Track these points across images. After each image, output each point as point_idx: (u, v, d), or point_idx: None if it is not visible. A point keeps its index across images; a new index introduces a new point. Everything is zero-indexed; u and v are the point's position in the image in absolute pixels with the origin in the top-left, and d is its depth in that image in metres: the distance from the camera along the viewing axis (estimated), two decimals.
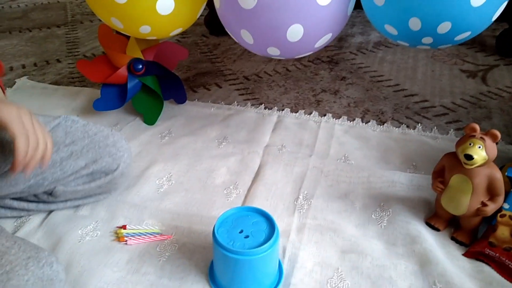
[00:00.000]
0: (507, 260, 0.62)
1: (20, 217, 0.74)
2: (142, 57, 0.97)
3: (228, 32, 0.80)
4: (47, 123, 0.71)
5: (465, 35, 0.68)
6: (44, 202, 0.72)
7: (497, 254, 0.63)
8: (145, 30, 0.81)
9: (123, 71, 0.95)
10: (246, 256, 0.56)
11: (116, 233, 0.70)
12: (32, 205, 0.72)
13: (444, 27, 0.65)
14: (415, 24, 0.66)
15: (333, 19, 0.71)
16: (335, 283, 0.62)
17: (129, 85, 0.96)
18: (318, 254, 0.66)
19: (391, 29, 0.72)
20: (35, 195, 0.71)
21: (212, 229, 0.59)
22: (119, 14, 0.77)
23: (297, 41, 0.71)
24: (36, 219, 0.73)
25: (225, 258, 0.57)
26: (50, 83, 1.24)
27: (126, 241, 0.68)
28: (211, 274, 0.62)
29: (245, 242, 0.57)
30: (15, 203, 0.72)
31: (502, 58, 1.37)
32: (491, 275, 0.62)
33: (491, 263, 0.63)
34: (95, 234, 0.70)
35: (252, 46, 0.76)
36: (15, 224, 0.73)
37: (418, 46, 0.72)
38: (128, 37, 0.98)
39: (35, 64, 1.38)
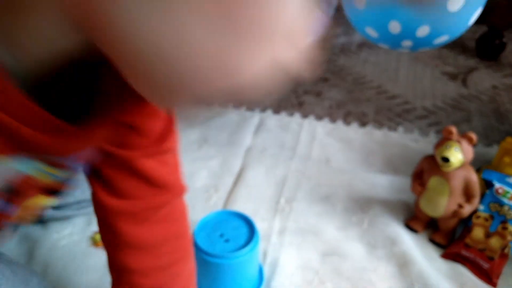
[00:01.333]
0: (481, 260, 0.63)
1: None
2: None
3: None
4: None
5: (444, 39, 0.69)
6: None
7: (472, 255, 0.64)
8: None
9: None
10: (226, 260, 0.55)
11: (93, 238, 0.69)
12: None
13: (423, 31, 0.66)
14: (395, 27, 0.67)
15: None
16: (315, 286, 0.62)
17: None
18: (299, 257, 0.66)
19: (372, 32, 0.72)
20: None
21: (191, 233, 0.58)
22: None
23: None
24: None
25: (205, 262, 0.56)
26: None
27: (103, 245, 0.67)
28: None
29: (225, 246, 0.57)
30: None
31: (482, 60, 1.39)
32: (466, 276, 0.63)
33: (466, 263, 0.65)
34: (72, 239, 0.69)
35: None
36: None
37: (398, 49, 0.73)
38: None
39: None
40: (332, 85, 1.23)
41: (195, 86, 0.24)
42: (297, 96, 1.17)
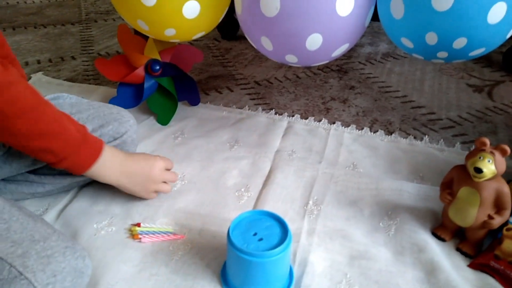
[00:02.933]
0: (511, 273, 0.64)
1: (36, 194, 0.75)
2: (159, 58, 0.99)
3: (248, 37, 0.82)
4: (50, 97, 0.75)
5: (480, 51, 0.70)
6: (59, 173, 0.74)
7: (502, 267, 0.65)
8: (170, 33, 0.83)
9: (140, 71, 0.97)
10: (259, 258, 0.57)
11: (130, 230, 0.72)
12: (48, 178, 0.74)
13: (460, 43, 0.67)
14: (431, 38, 0.68)
15: (351, 30, 0.74)
16: (344, 287, 0.63)
17: (145, 85, 0.98)
18: (328, 259, 0.68)
19: (407, 42, 0.74)
20: (48, 167, 0.71)
21: (224, 230, 0.61)
22: (146, 17, 0.79)
23: (315, 49, 0.73)
24: (52, 212, 0.75)
25: (239, 259, 0.58)
26: (65, 80, 1.26)
27: (140, 238, 0.69)
28: (223, 275, 0.64)
29: (259, 244, 0.59)
30: (31, 176, 0.74)
31: (508, 74, 1.39)
32: (494, 286, 0.64)
33: (495, 275, 0.65)
34: (110, 229, 0.72)
35: (270, 53, 0.78)
36: None
37: (432, 60, 0.74)
38: (146, 38, 1.00)
39: (50, 60, 1.40)
40: (358, 93, 1.25)
41: None
42: (324, 103, 1.19)
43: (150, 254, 0.68)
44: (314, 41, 0.71)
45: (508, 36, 0.69)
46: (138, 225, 0.72)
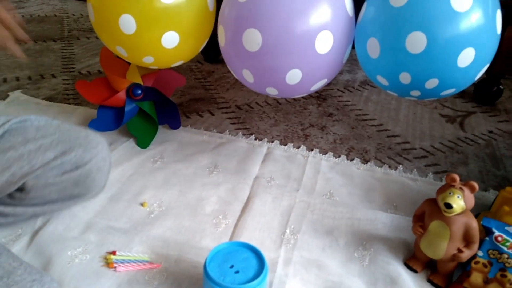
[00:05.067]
0: None
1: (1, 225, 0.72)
2: (141, 83, 1.00)
3: (230, 68, 0.84)
4: (18, 120, 0.69)
5: (451, 91, 0.74)
6: (21, 204, 0.68)
7: None
8: (148, 60, 0.84)
9: (122, 94, 0.97)
10: None
11: (105, 258, 0.71)
12: (8, 209, 0.68)
13: (431, 83, 0.71)
14: (405, 78, 0.72)
15: (329, 66, 0.76)
16: None
17: (126, 109, 0.98)
18: None
19: (382, 80, 0.77)
20: (9, 196, 0.67)
21: (201, 260, 0.61)
22: (125, 44, 0.80)
23: (295, 84, 0.76)
24: (24, 238, 0.73)
25: None
26: (44, 98, 1.25)
27: (115, 267, 0.69)
28: None
29: (235, 277, 0.59)
30: None
31: (479, 105, 1.45)
32: None
33: None
34: (85, 257, 0.71)
35: (252, 85, 0.80)
36: (3, 241, 0.73)
37: (406, 97, 0.77)
38: (129, 62, 1.00)
39: (29, 78, 1.38)
40: (336, 120, 1.28)
41: None
42: (302, 129, 1.21)
43: (125, 283, 0.67)
44: (294, 76, 0.74)
45: (476, 78, 0.73)
46: (114, 253, 0.71)
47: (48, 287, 0.54)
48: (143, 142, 1.03)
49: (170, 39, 0.80)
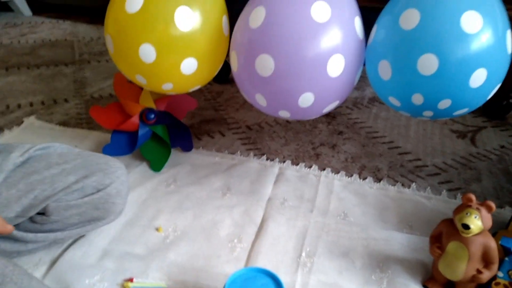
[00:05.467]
0: None
1: (20, 252, 0.73)
2: (154, 107, 1.01)
3: (242, 93, 0.85)
4: (41, 147, 0.74)
5: (463, 111, 0.74)
6: (42, 230, 0.71)
7: None
8: (167, 87, 0.86)
9: (135, 119, 0.99)
10: None
11: (123, 286, 0.71)
12: (30, 235, 0.71)
13: (444, 104, 0.71)
14: (417, 99, 0.72)
15: (341, 89, 0.77)
16: None
17: (140, 133, 0.99)
18: None
19: (394, 101, 0.77)
20: (31, 220, 0.70)
21: (218, 285, 0.61)
22: (145, 73, 0.82)
23: (307, 107, 0.76)
24: (43, 267, 0.74)
25: None
26: (57, 123, 1.27)
27: None
28: None
29: None
30: (14, 232, 0.69)
31: (489, 120, 1.45)
32: None
33: None
34: (103, 285, 0.71)
35: (265, 109, 0.81)
36: None
37: (419, 117, 0.78)
38: (141, 87, 1.02)
39: (42, 103, 1.41)
40: (346, 138, 1.28)
41: None
42: (313, 148, 1.22)
43: None
44: (307, 99, 0.75)
45: (488, 97, 0.74)
46: (131, 280, 0.71)
47: None
48: (157, 166, 1.04)
49: (189, 65, 0.82)
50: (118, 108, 1.02)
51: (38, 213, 0.71)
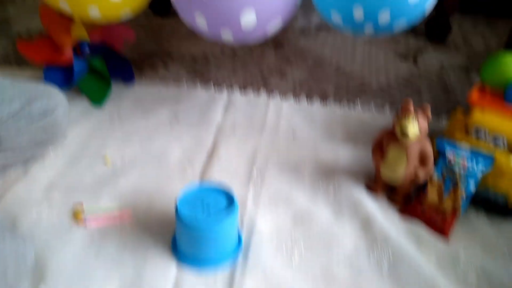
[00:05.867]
0: (435, 217, 0.72)
1: None
2: (88, 39, 0.95)
3: (181, 15, 0.81)
4: None
5: (403, 24, 0.76)
6: None
7: (427, 213, 0.72)
8: (94, 14, 0.79)
9: (68, 52, 0.92)
10: (208, 227, 0.59)
11: (74, 213, 0.70)
12: None
13: (384, 16, 0.72)
14: (358, 12, 0.72)
15: (283, 4, 0.75)
16: (290, 246, 0.67)
17: (75, 69, 0.93)
18: (273, 222, 0.71)
19: (336, 17, 0.77)
20: None
21: (171, 206, 0.61)
22: None
23: (249, 24, 0.74)
24: None
25: (188, 231, 0.60)
26: None
27: (85, 224, 0.68)
28: (174, 247, 0.65)
29: (207, 214, 0.60)
30: None
31: (430, 42, 1.49)
32: (422, 232, 0.71)
33: (422, 221, 0.73)
34: (52, 215, 0.69)
35: (206, 31, 0.78)
36: None
37: (360, 34, 0.78)
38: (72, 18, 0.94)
39: None
40: (294, 65, 1.28)
41: None
42: (262, 76, 1.21)
43: (96, 234, 0.67)
44: (247, 15, 0.72)
45: (427, 11, 0.75)
46: (81, 204, 0.70)
47: (19, 241, 0.54)
48: (98, 101, 0.99)
49: None
50: (49, 43, 0.94)
51: None
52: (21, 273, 0.54)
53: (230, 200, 0.62)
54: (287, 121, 1.00)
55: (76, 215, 0.69)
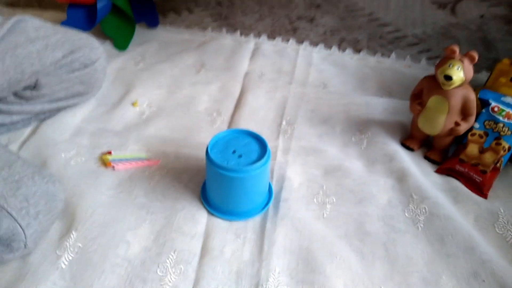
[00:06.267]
0: (474, 175, 0.68)
1: (3, 125, 0.71)
2: None
3: None
4: (14, 21, 0.68)
5: None
6: (28, 103, 0.71)
7: (466, 170, 0.69)
8: None
9: None
10: (240, 173, 0.57)
11: (101, 158, 0.69)
12: (15, 107, 0.70)
13: None
14: None
15: None
16: (321, 199, 0.65)
17: (98, 6, 0.88)
18: (304, 174, 0.69)
19: None
20: (16, 95, 0.70)
21: (200, 153, 0.60)
22: None
23: None
24: (14, 145, 0.70)
25: (219, 176, 0.58)
26: (4, 5, 1.12)
27: (113, 166, 0.67)
28: (203, 195, 0.64)
29: (239, 161, 0.58)
30: None
31: None
32: (460, 189, 0.68)
33: (460, 178, 0.69)
34: (80, 160, 0.68)
35: None
36: None
37: None
38: None
39: None
40: (324, 12, 1.21)
41: None
42: (290, 22, 1.14)
43: (125, 180, 0.66)
44: None
45: None
46: (109, 153, 0.69)
47: (49, 179, 0.54)
48: (122, 44, 0.95)
49: None
50: None
51: (28, 88, 0.70)
52: (52, 214, 0.54)
53: (262, 148, 0.60)
54: (317, 71, 0.95)
55: (104, 161, 0.68)
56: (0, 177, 0.50)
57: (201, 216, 0.61)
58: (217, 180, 0.59)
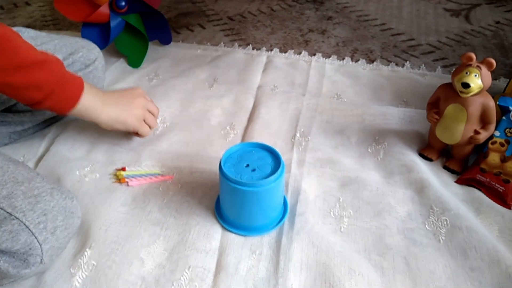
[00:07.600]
0: (496, 184, 0.66)
1: (14, 133, 0.74)
2: None
3: None
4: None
5: None
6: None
7: (487, 179, 0.66)
8: None
9: (105, 9, 0.89)
10: (255, 187, 0.56)
11: (115, 175, 0.69)
12: (26, 115, 0.72)
13: None
14: None
15: None
16: (338, 212, 0.64)
17: (112, 24, 0.90)
18: (320, 186, 0.68)
19: None
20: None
21: (213, 168, 0.59)
22: None
23: None
24: (31, 162, 0.71)
25: (233, 191, 0.57)
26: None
27: (127, 182, 0.67)
28: (217, 210, 0.63)
29: (253, 175, 0.57)
30: (9, 115, 0.71)
31: None
32: (482, 199, 0.65)
33: (482, 188, 0.67)
34: (94, 176, 0.68)
35: None
36: None
37: None
38: None
39: (1, 7, 1.27)
40: (336, 23, 1.21)
41: None
42: (302, 35, 1.14)
43: (139, 196, 0.65)
44: None
45: None
46: (123, 169, 0.69)
47: (67, 195, 0.54)
48: (135, 61, 0.97)
49: None
50: None
51: None
52: (70, 231, 0.54)
53: (276, 161, 0.59)
54: (330, 82, 0.94)
55: (118, 177, 0.68)
56: (19, 191, 0.50)
57: (216, 231, 0.60)
58: (231, 195, 0.59)
